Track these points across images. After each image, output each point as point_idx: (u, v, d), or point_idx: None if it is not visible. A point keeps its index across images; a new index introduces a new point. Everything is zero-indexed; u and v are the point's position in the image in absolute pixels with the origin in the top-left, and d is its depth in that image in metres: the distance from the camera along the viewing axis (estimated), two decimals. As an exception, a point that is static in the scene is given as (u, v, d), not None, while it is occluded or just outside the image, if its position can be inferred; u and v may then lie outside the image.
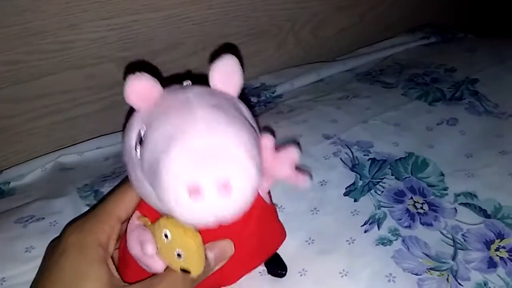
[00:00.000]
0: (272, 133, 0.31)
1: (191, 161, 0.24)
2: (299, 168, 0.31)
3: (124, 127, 0.30)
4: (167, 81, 0.31)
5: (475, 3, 1.10)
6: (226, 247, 0.32)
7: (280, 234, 0.39)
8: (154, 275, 0.30)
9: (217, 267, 0.32)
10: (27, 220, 0.42)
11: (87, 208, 0.44)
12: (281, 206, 0.45)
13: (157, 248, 0.29)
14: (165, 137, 0.25)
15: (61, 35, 0.53)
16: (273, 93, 0.69)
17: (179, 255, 0.28)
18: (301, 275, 0.38)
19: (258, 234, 0.34)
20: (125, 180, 0.32)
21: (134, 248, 0.30)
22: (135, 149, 0.27)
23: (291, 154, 0.31)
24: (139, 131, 0.27)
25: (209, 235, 0.30)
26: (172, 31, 0.63)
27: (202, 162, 0.24)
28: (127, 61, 0.60)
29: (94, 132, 0.61)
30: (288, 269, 0.38)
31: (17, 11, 0.49)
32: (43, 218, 0.43)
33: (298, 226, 0.43)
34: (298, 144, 0.52)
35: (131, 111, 0.30)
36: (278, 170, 0.32)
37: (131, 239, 0.30)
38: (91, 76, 0.58)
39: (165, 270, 0.30)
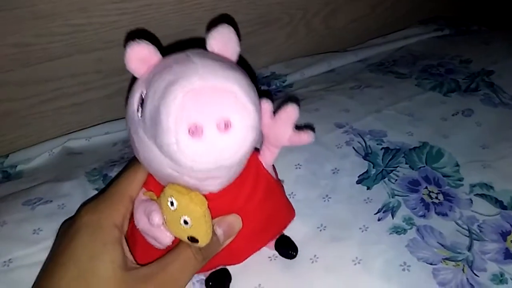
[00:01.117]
0: (271, 98, 0.31)
1: (191, 101, 0.23)
2: (300, 127, 0.32)
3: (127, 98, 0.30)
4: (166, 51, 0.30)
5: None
6: (234, 222, 0.31)
7: (288, 212, 0.39)
8: (164, 253, 0.29)
9: (226, 243, 0.31)
10: (35, 203, 0.42)
11: (96, 192, 0.44)
12: (292, 193, 0.44)
13: (164, 218, 0.29)
14: (164, 84, 0.25)
15: (70, 18, 0.53)
16: (283, 82, 0.68)
17: (185, 222, 0.28)
18: (312, 262, 0.37)
19: (264, 208, 0.34)
20: (134, 160, 0.32)
21: (140, 221, 0.30)
22: (137, 112, 0.27)
23: (290, 112, 0.31)
24: (140, 94, 0.27)
25: (215, 208, 0.30)
26: (183, 16, 0.62)
27: (202, 101, 0.24)
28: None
29: (102, 117, 0.60)
30: (299, 255, 0.38)
31: (26, -7, 0.49)
32: (51, 201, 0.42)
33: (309, 213, 0.42)
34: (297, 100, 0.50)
35: (133, 80, 0.30)
36: (278, 133, 0.32)
37: (137, 213, 0.30)
38: (100, 60, 0.57)
39: (174, 245, 0.30)
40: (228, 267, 0.36)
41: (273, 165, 0.37)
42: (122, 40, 0.57)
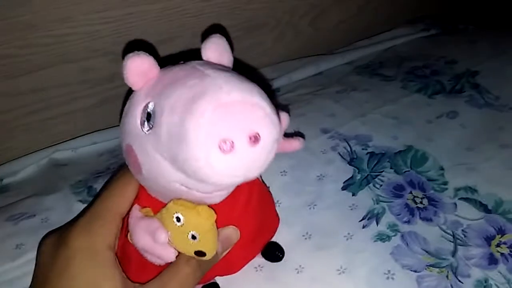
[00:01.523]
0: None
1: (220, 116, 0.23)
2: (290, 134, 0.32)
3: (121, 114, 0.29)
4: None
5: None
6: (232, 234, 0.31)
7: (275, 218, 0.39)
8: (162, 270, 0.29)
9: (223, 255, 0.31)
10: (18, 218, 0.42)
11: (80, 204, 0.43)
12: (278, 201, 0.44)
13: (169, 235, 0.28)
14: (184, 99, 0.24)
15: (53, 28, 0.52)
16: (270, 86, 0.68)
17: (193, 237, 0.27)
18: (297, 272, 0.37)
19: (258, 216, 0.34)
20: (122, 173, 0.31)
21: (141, 240, 0.29)
22: (142, 126, 0.26)
23: (280, 118, 0.31)
24: (145, 106, 0.26)
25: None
26: (167, 24, 0.61)
27: (232, 116, 0.23)
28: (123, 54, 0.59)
29: (90, 127, 0.60)
30: (284, 265, 0.38)
31: (8, 5, 0.48)
32: (34, 215, 0.42)
33: (294, 220, 0.42)
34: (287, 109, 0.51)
35: (129, 93, 0.29)
36: None
37: (137, 232, 0.29)
38: (85, 70, 0.57)
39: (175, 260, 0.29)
40: (216, 279, 0.37)
41: None
42: (107, 49, 0.57)
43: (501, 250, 0.38)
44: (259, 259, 0.39)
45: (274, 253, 0.38)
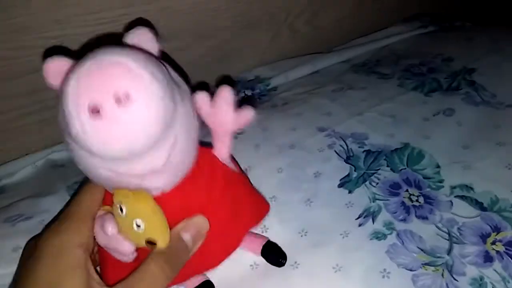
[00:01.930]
0: (206, 89, 0.32)
1: (84, 82, 0.23)
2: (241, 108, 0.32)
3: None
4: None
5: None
6: (200, 224, 0.31)
7: (260, 204, 0.38)
8: (131, 273, 0.29)
9: (195, 248, 0.31)
10: (15, 219, 0.42)
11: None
12: (274, 197, 0.44)
13: (119, 227, 0.28)
14: (64, 82, 0.24)
15: (48, 30, 0.52)
16: (267, 85, 0.68)
17: (138, 225, 0.27)
18: (293, 268, 0.38)
19: (227, 201, 0.33)
20: (87, 181, 0.31)
21: (98, 236, 0.29)
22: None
23: (224, 95, 0.31)
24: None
25: (173, 210, 0.29)
26: (164, 24, 0.61)
27: (94, 79, 0.23)
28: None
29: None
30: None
31: (3, 7, 0.48)
32: (31, 217, 0.42)
33: (291, 217, 0.42)
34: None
35: None
36: (221, 119, 0.32)
37: (96, 229, 0.30)
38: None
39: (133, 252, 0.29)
40: (210, 278, 0.37)
41: (233, 158, 0.36)
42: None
43: (497, 248, 0.38)
44: (255, 257, 0.39)
45: (277, 258, 0.38)
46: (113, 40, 0.28)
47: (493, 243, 0.39)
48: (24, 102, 0.55)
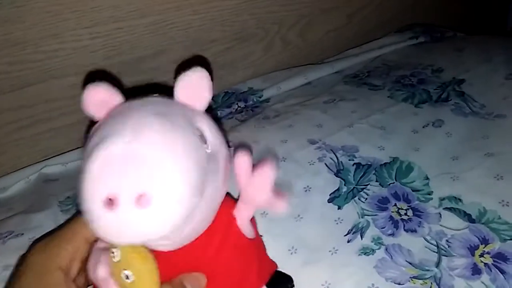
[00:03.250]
0: (249, 149, 0.30)
1: (108, 170, 0.22)
2: (278, 190, 0.30)
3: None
4: (136, 93, 0.29)
5: (464, 1, 1.09)
6: (199, 279, 0.30)
7: (268, 267, 0.37)
8: None
9: None
10: (6, 236, 0.42)
11: (68, 221, 0.44)
12: (264, 212, 0.44)
13: (111, 271, 0.27)
14: (92, 146, 0.24)
15: (42, 44, 0.53)
16: (260, 97, 0.69)
17: (127, 277, 0.26)
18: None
19: (232, 269, 0.32)
20: None
21: (90, 270, 0.29)
22: None
23: (267, 174, 0.29)
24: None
25: (177, 264, 0.29)
26: (156, 37, 0.62)
27: (120, 170, 0.22)
28: (112, 69, 0.59)
29: (79, 142, 0.61)
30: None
31: (-2, 22, 0.49)
32: (22, 234, 0.42)
33: (281, 233, 0.42)
34: (275, 157, 0.50)
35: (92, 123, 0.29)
36: (255, 194, 0.30)
37: (90, 262, 0.29)
38: (74, 85, 0.57)
39: None
40: None
41: (253, 219, 0.35)
42: (97, 64, 0.58)
43: (485, 260, 0.39)
44: None
45: (285, 285, 0.37)
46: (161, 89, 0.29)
47: (481, 255, 0.39)
48: (17, 116, 0.55)
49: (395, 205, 0.45)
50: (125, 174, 0.22)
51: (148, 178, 0.22)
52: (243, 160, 0.29)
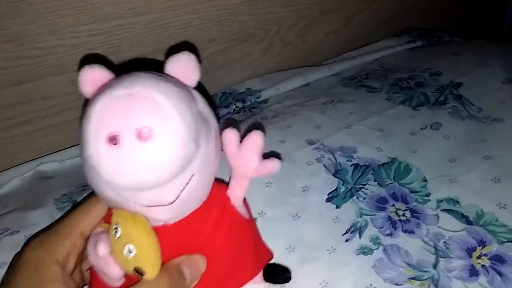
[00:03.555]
0: (236, 126, 0.31)
1: (109, 110, 0.23)
2: (267, 155, 0.31)
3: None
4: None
5: (462, 5, 1.10)
6: (200, 263, 0.30)
7: (262, 254, 0.37)
8: None
9: (192, 285, 0.30)
10: (1, 233, 0.41)
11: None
12: (262, 211, 0.44)
13: (112, 250, 0.28)
14: (91, 102, 0.24)
15: (40, 41, 0.53)
16: (258, 98, 0.68)
17: (130, 251, 0.26)
18: (281, 285, 0.37)
19: (231, 249, 0.32)
20: (93, 194, 0.31)
21: (90, 254, 0.29)
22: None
23: (255, 140, 0.30)
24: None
25: (173, 242, 0.29)
26: (155, 36, 0.62)
27: (120, 109, 0.23)
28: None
29: (76, 140, 0.60)
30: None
31: (-4, 17, 0.49)
32: (18, 231, 0.42)
33: (279, 232, 0.42)
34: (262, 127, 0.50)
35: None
36: (245, 163, 0.31)
37: (88, 246, 0.29)
38: (72, 82, 0.57)
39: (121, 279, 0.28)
40: None
41: (245, 201, 0.35)
42: (94, 61, 0.57)
43: (482, 262, 0.39)
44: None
45: (283, 274, 0.37)
46: (153, 65, 0.29)
47: (479, 257, 0.39)
48: (13, 112, 0.55)
49: (394, 205, 0.45)
50: (126, 112, 0.23)
51: (148, 113, 0.23)
52: (230, 134, 0.31)
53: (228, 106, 0.66)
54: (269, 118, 0.61)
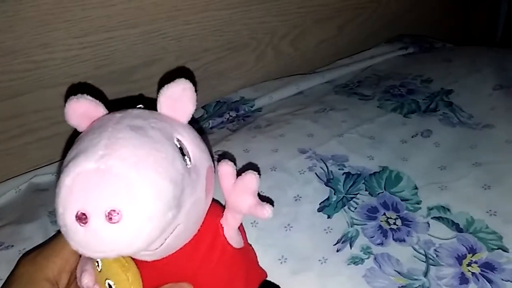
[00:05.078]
0: (233, 159, 0.31)
1: (80, 186, 0.23)
2: (264, 197, 0.31)
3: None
4: (121, 105, 0.30)
5: (453, 12, 1.11)
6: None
7: (256, 277, 0.37)
8: None
9: None
10: (-4, 247, 0.42)
11: (58, 232, 0.43)
12: (254, 221, 0.44)
13: (96, 279, 0.28)
14: (68, 160, 0.24)
15: (32, 54, 0.53)
16: (252, 107, 0.69)
17: (110, 286, 0.26)
18: (273, 297, 0.38)
19: (218, 279, 0.32)
20: None
21: (78, 279, 0.29)
22: None
23: (248, 181, 0.30)
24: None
25: (165, 273, 0.29)
26: (148, 47, 0.62)
27: (91, 187, 0.22)
28: (103, 78, 0.60)
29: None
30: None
31: (-14, 32, 0.49)
32: (13, 246, 0.42)
33: (271, 243, 0.43)
34: (258, 169, 0.50)
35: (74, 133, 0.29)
36: (238, 201, 0.31)
37: (77, 271, 0.30)
38: (64, 94, 0.57)
39: None
40: None
41: (241, 227, 0.35)
42: (88, 73, 0.58)
43: (472, 270, 0.39)
44: None
45: None
46: (143, 101, 0.29)
47: (469, 264, 0.39)
48: (7, 126, 0.55)
49: (384, 214, 0.45)
50: (96, 190, 0.22)
51: (119, 194, 0.22)
52: (226, 168, 0.30)
53: (222, 115, 0.67)
54: (263, 126, 0.61)
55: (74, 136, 0.28)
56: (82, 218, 0.22)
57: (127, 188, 0.23)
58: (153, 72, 0.64)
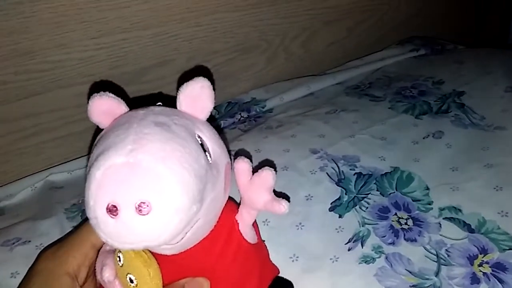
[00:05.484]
0: (249, 156, 0.31)
1: (110, 179, 0.23)
2: (279, 193, 0.31)
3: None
4: (141, 102, 0.31)
5: (466, 14, 1.11)
6: (203, 285, 0.31)
7: (270, 273, 0.37)
8: None
9: None
10: (13, 243, 0.42)
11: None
12: (266, 220, 0.45)
13: (117, 273, 0.29)
14: (96, 154, 0.25)
15: (49, 55, 0.54)
16: (263, 107, 0.69)
17: (131, 280, 0.27)
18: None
19: (233, 273, 0.33)
20: None
21: (98, 273, 0.30)
22: None
23: (264, 177, 0.31)
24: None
25: (182, 268, 0.29)
26: (161, 48, 0.63)
27: (121, 180, 0.23)
28: (117, 79, 0.61)
29: (84, 151, 0.61)
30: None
31: (4, 33, 0.50)
32: (29, 241, 0.43)
33: (282, 241, 0.43)
34: (274, 166, 0.51)
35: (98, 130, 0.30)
36: (253, 197, 0.31)
37: (96, 264, 0.30)
38: (80, 94, 0.58)
39: None
40: None
41: (255, 223, 0.36)
42: (103, 73, 0.59)
43: (484, 270, 0.39)
44: None
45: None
46: (161, 99, 0.30)
47: (480, 265, 0.39)
48: (23, 125, 0.56)
49: (396, 214, 0.45)
50: (126, 183, 0.23)
51: (148, 187, 0.23)
52: (242, 165, 0.31)
53: (233, 116, 0.67)
54: (274, 127, 0.62)
55: (97, 132, 0.29)
56: (112, 210, 0.23)
57: (156, 182, 0.23)
58: (164, 73, 0.65)
